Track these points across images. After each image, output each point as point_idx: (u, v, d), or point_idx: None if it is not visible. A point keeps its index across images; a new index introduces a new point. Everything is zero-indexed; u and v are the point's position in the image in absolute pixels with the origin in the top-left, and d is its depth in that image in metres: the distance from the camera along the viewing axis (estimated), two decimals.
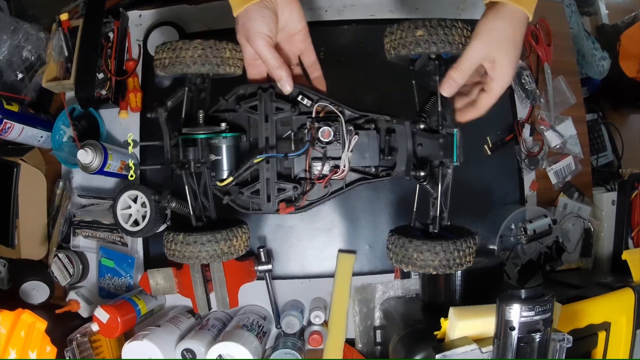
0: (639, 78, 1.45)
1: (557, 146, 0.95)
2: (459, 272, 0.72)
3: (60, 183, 0.95)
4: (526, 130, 0.95)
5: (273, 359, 0.82)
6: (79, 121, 0.95)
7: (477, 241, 0.61)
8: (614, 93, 1.48)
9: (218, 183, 0.65)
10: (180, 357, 0.78)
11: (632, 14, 1.58)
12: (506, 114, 0.95)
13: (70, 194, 0.93)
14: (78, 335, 0.83)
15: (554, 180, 0.96)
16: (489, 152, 0.93)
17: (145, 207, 0.81)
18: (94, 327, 0.80)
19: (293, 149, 0.66)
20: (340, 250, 0.91)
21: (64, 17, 0.93)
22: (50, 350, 0.69)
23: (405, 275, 0.89)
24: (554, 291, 0.56)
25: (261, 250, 0.86)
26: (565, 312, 0.66)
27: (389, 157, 0.66)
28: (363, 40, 0.95)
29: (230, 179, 0.65)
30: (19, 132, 0.89)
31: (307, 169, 0.67)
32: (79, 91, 0.88)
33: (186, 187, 0.64)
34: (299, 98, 0.67)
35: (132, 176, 0.65)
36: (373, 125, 0.67)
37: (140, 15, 0.98)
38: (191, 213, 0.65)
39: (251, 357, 0.76)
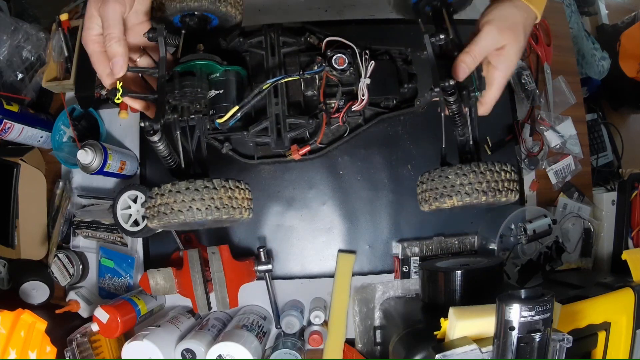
0: (639, 78, 1.45)
1: (557, 146, 0.95)
2: (459, 272, 0.72)
3: (60, 183, 0.95)
4: (526, 130, 0.95)
5: (273, 359, 0.82)
6: (79, 121, 0.95)
7: (515, 169, 0.54)
8: (614, 93, 1.48)
9: (219, 120, 0.56)
10: (180, 357, 0.78)
11: (632, 14, 1.58)
12: (506, 114, 0.95)
13: (70, 194, 0.93)
14: (78, 335, 0.83)
15: (554, 180, 0.96)
16: (489, 152, 0.93)
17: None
18: (94, 327, 0.80)
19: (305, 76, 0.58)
20: (340, 250, 0.91)
21: (64, 17, 0.93)
22: (50, 350, 0.69)
23: (405, 275, 0.89)
24: (554, 291, 0.55)
25: (261, 250, 0.86)
26: (565, 312, 0.66)
27: (410, 86, 0.61)
28: (363, 40, 0.95)
29: (236, 108, 0.55)
30: (19, 132, 0.89)
31: (322, 95, 0.59)
32: (79, 91, 0.88)
33: (176, 133, 0.54)
34: (307, 36, 0.62)
35: (118, 99, 0.54)
36: (387, 57, 0.62)
37: None
38: (181, 159, 0.54)
39: (251, 357, 0.76)
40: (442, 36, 0.57)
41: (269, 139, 0.60)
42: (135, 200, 0.83)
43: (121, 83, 0.55)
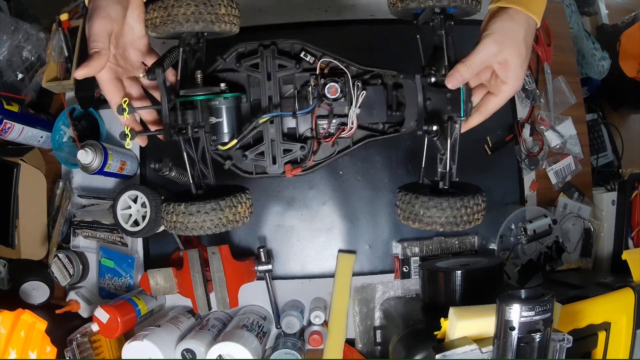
0: (639, 78, 1.45)
1: (557, 146, 0.95)
2: (459, 272, 0.72)
3: (60, 183, 0.95)
4: (526, 130, 0.95)
5: (273, 359, 0.82)
6: (79, 121, 0.95)
7: (485, 198, 0.59)
8: (614, 93, 1.48)
9: (220, 147, 0.62)
10: (180, 357, 0.78)
11: (632, 14, 1.58)
12: (506, 114, 0.95)
13: (70, 194, 0.93)
14: (78, 335, 0.83)
15: (554, 180, 0.96)
16: (489, 152, 0.93)
17: (145, 207, 0.81)
18: (94, 327, 0.80)
19: (297, 107, 0.63)
20: (340, 250, 0.91)
21: (64, 17, 0.93)
22: (50, 350, 0.69)
23: (405, 275, 0.89)
24: (554, 291, 0.55)
25: (261, 250, 0.86)
26: (565, 312, 0.66)
27: (397, 113, 0.64)
28: (363, 40, 0.95)
29: (234, 141, 0.61)
30: (19, 132, 0.89)
31: (314, 127, 0.64)
32: (79, 91, 0.88)
33: (184, 153, 0.60)
34: (302, 55, 0.64)
35: (128, 144, 0.59)
36: (379, 81, 0.65)
37: None
38: (190, 181, 0.61)
39: (251, 357, 0.76)
40: (432, 79, 0.60)
41: (265, 163, 0.66)
42: (135, 200, 0.83)
43: (127, 102, 0.59)
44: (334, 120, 0.65)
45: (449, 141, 0.60)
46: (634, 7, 1.65)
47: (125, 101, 0.59)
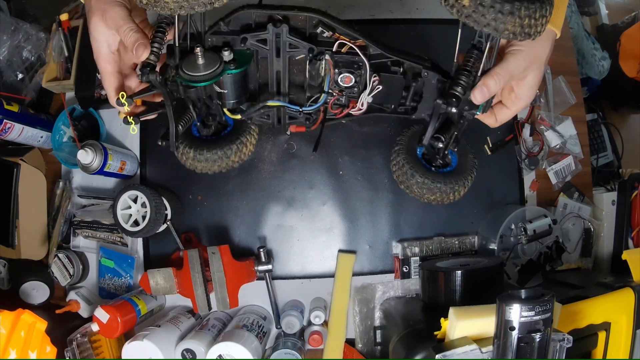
0: (639, 78, 1.45)
1: (557, 146, 0.95)
2: (459, 272, 0.72)
3: (60, 183, 0.95)
4: (526, 130, 0.95)
5: (273, 359, 0.82)
6: (79, 121, 0.95)
7: (469, 181, 0.69)
8: (614, 93, 1.48)
9: (227, 112, 0.66)
10: (180, 357, 0.78)
11: (632, 14, 1.58)
12: None
13: (70, 194, 0.93)
14: (78, 335, 0.83)
15: (554, 180, 0.96)
16: (489, 152, 0.93)
17: (145, 207, 0.81)
18: (94, 327, 0.80)
19: (308, 95, 0.65)
20: (340, 250, 0.91)
21: (64, 17, 0.93)
22: (50, 350, 0.69)
23: (405, 275, 0.89)
24: (554, 291, 0.55)
25: (261, 250, 0.86)
26: (565, 312, 0.66)
27: (412, 104, 0.65)
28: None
29: (238, 117, 0.66)
30: (19, 132, 0.89)
31: (322, 113, 0.66)
32: (79, 91, 0.88)
33: (190, 106, 0.63)
34: (318, 31, 0.59)
35: (133, 130, 0.59)
36: (401, 69, 0.61)
37: None
38: (197, 123, 0.67)
39: (251, 357, 0.76)
40: (453, 109, 0.58)
41: (269, 121, 0.69)
42: (135, 200, 0.83)
43: (124, 96, 0.58)
44: (344, 96, 0.65)
45: (458, 126, 0.64)
46: (634, 7, 1.65)
47: (123, 96, 0.57)
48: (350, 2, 0.98)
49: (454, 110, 0.58)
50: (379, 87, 0.62)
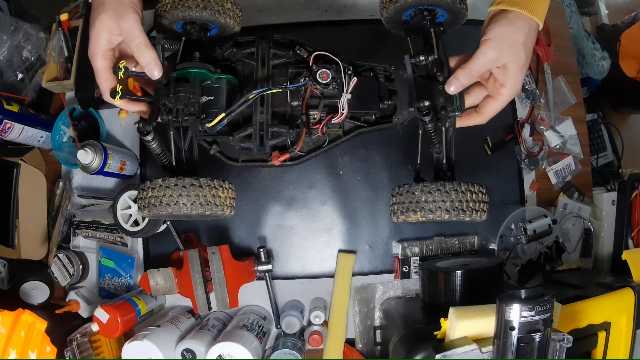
0: (639, 78, 1.45)
1: (557, 146, 0.95)
2: (459, 272, 0.72)
3: (60, 183, 0.95)
4: (526, 130, 0.95)
5: (273, 359, 0.82)
6: (79, 121, 0.95)
7: (485, 191, 0.56)
8: (614, 93, 1.48)
9: (208, 125, 0.61)
10: (180, 357, 0.78)
11: (632, 14, 1.58)
12: (506, 114, 0.95)
13: (70, 194, 0.93)
14: (78, 335, 0.83)
15: (554, 180, 0.96)
16: (489, 152, 0.93)
17: None
18: (94, 327, 0.80)
19: (289, 92, 0.64)
20: (340, 250, 0.91)
21: (64, 17, 0.93)
22: (50, 350, 0.69)
23: (405, 275, 0.89)
24: (554, 291, 0.55)
25: (261, 250, 0.86)
26: (565, 312, 0.66)
27: (389, 102, 0.65)
28: (363, 40, 0.95)
29: (222, 115, 0.61)
30: (19, 132, 0.89)
31: (304, 106, 0.64)
32: (79, 91, 0.88)
33: (170, 133, 0.59)
34: (296, 49, 0.66)
35: (117, 101, 0.59)
36: (371, 74, 0.66)
37: None
38: (172, 157, 0.59)
39: (251, 357, 0.76)
40: (421, 58, 0.61)
41: (252, 144, 0.65)
42: (135, 200, 0.83)
43: (121, 86, 0.58)
44: (324, 111, 0.65)
45: (443, 129, 0.60)
46: (634, 7, 1.65)
47: (122, 63, 0.58)
48: (350, 2, 0.98)
49: (421, 57, 0.61)
50: (355, 79, 0.64)
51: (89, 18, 0.89)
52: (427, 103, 0.56)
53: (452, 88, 0.60)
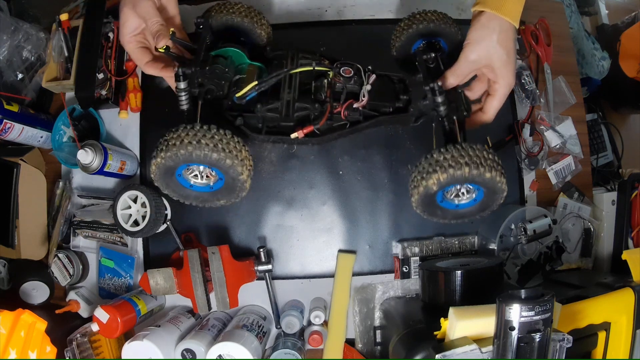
0: (639, 78, 1.45)
1: (557, 146, 0.95)
2: (459, 272, 0.72)
3: (60, 183, 0.95)
4: (526, 130, 0.95)
5: (273, 359, 0.82)
6: (79, 121, 0.95)
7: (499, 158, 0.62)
8: (614, 93, 1.48)
9: (237, 94, 0.67)
10: (180, 357, 0.78)
11: (632, 14, 1.58)
12: (506, 114, 0.95)
13: (70, 194, 0.93)
14: (78, 335, 0.83)
15: (554, 180, 0.96)
16: None
17: (145, 207, 0.81)
18: (94, 327, 0.80)
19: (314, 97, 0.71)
20: (340, 250, 0.91)
21: (64, 17, 0.93)
22: (50, 350, 0.69)
23: (405, 275, 0.89)
24: (554, 291, 0.55)
25: (261, 250, 0.86)
26: (565, 312, 0.66)
27: (405, 97, 0.72)
28: (363, 40, 0.95)
29: (254, 83, 0.67)
30: (19, 132, 0.89)
31: (329, 92, 0.70)
32: (79, 91, 0.88)
33: (199, 102, 0.66)
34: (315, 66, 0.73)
35: (163, 48, 0.66)
36: (387, 78, 0.74)
37: None
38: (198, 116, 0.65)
39: (251, 357, 0.76)
40: (432, 54, 0.72)
41: (277, 115, 0.70)
42: (135, 200, 0.83)
43: (173, 30, 0.67)
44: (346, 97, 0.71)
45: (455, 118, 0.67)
46: (634, 7, 1.65)
47: (172, 30, 0.67)
48: (350, 2, 0.98)
49: (432, 54, 0.72)
50: (373, 76, 0.72)
51: (89, 18, 0.91)
52: (439, 83, 0.64)
53: (445, 86, 0.67)
